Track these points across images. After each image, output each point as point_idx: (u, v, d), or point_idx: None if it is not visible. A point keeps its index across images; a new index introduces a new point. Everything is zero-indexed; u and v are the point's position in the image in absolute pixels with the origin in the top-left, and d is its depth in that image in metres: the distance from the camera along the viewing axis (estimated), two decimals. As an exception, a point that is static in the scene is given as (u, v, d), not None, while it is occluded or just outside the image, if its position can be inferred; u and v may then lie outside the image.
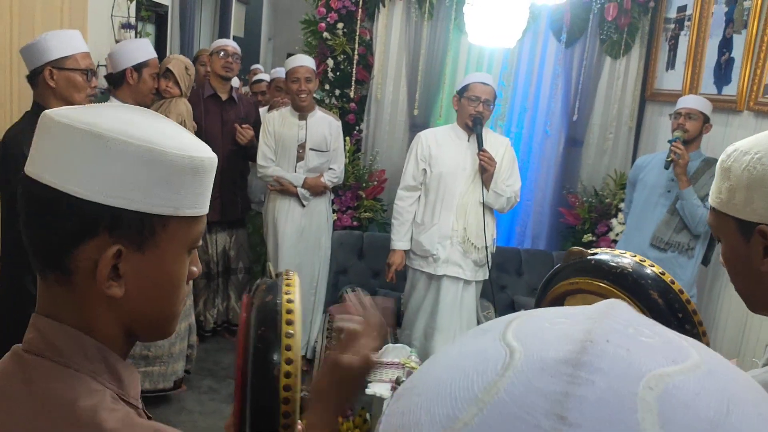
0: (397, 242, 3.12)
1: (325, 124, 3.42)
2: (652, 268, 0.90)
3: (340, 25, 3.95)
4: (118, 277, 0.66)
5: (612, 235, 3.98)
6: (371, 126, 4.11)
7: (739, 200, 0.87)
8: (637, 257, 0.92)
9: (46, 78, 2.09)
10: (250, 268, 3.95)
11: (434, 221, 3.03)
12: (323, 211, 3.53)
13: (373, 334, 0.95)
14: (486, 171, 2.91)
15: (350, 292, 3.50)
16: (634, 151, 4.19)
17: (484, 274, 3.09)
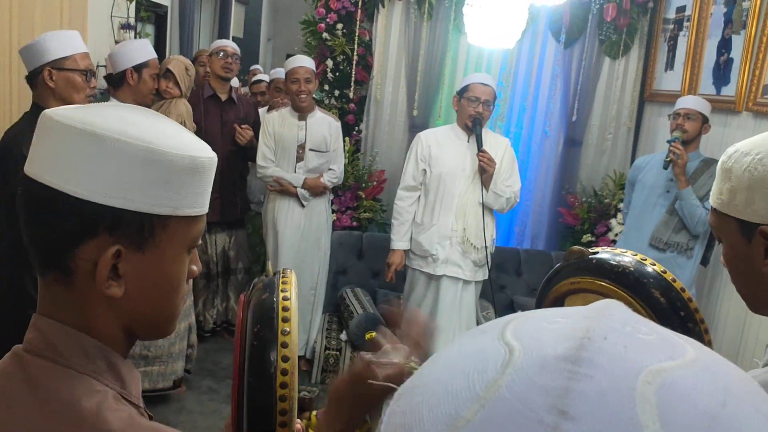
0: (397, 242, 3.12)
1: (325, 125, 3.42)
2: (653, 267, 0.90)
3: (340, 26, 3.95)
4: (118, 276, 0.66)
5: (611, 236, 3.98)
6: (370, 126, 4.11)
7: (740, 201, 0.87)
8: (639, 256, 0.93)
9: (45, 78, 2.08)
10: (250, 269, 3.94)
11: (434, 221, 3.03)
12: (323, 212, 3.53)
13: (410, 354, 0.84)
14: (485, 172, 2.91)
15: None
16: (633, 151, 4.20)
17: (484, 275, 3.09)
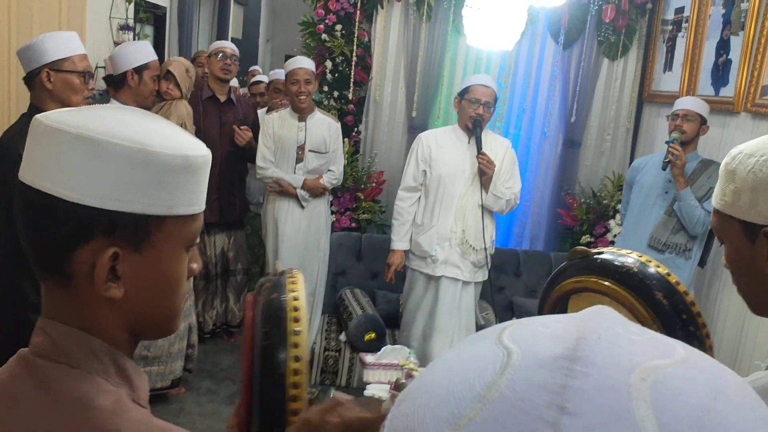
0: (397, 242, 3.12)
1: (325, 126, 3.42)
2: (657, 269, 0.90)
3: (339, 27, 3.96)
4: (117, 278, 0.66)
5: (610, 236, 3.99)
6: (370, 127, 4.11)
7: (744, 202, 0.87)
8: (644, 257, 0.93)
9: (43, 80, 2.07)
10: (249, 270, 3.94)
11: (433, 222, 3.03)
12: (322, 213, 3.53)
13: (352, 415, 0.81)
14: (485, 174, 2.92)
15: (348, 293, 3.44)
16: (632, 152, 4.20)
17: (483, 275, 3.09)
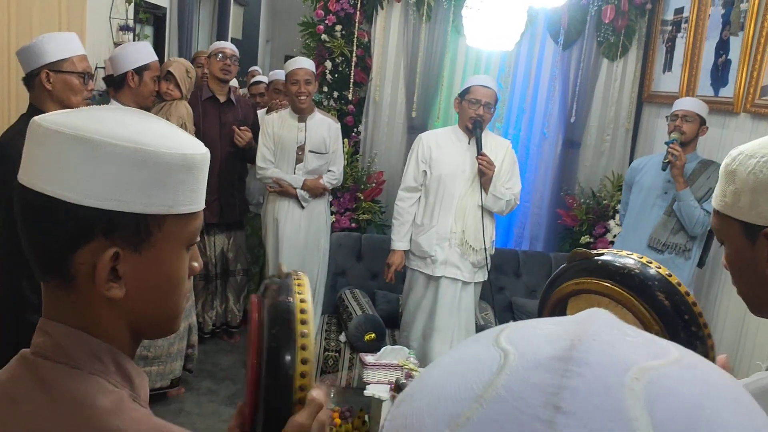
0: (397, 242, 3.12)
1: (324, 127, 3.43)
2: (657, 270, 0.90)
3: (339, 28, 3.96)
4: (118, 278, 0.66)
5: (609, 237, 3.99)
6: (369, 128, 4.11)
7: (745, 203, 0.87)
8: (644, 258, 0.93)
9: (42, 81, 2.07)
10: (249, 270, 3.94)
11: (433, 223, 3.04)
12: (322, 213, 3.54)
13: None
14: (484, 175, 2.92)
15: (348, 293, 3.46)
16: (632, 152, 4.21)
17: (483, 276, 3.09)
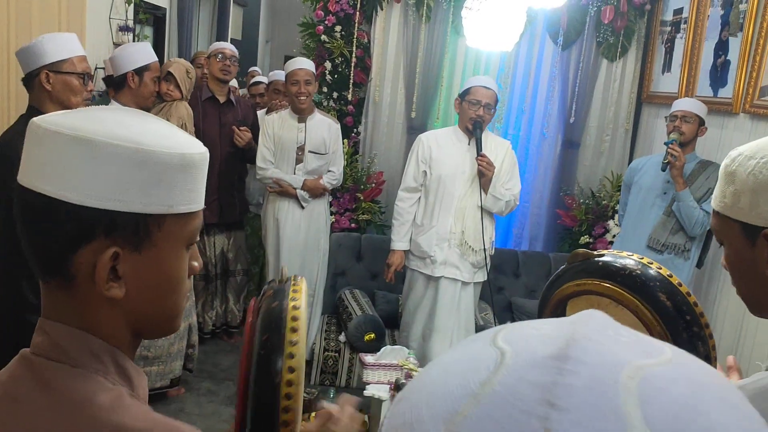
0: (397, 242, 3.13)
1: (324, 127, 3.43)
2: (659, 271, 0.91)
3: (338, 28, 3.96)
4: (118, 278, 0.66)
5: (609, 237, 3.99)
6: (369, 128, 4.11)
7: (744, 204, 0.87)
8: (645, 259, 0.93)
9: (42, 81, 2.06)
10: (248, 270, 3.94)
11: (433, 223, 3.04)
12: (322, 213, 3.54)
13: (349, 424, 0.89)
14: (484, 175, 2.92)
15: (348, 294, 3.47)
16: (631, 153, 4.21)
17: (483, 276, 3.10)
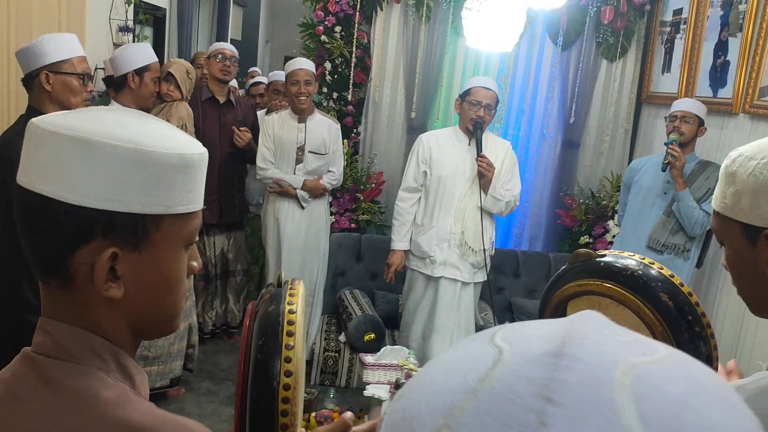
0: (397, 242, 3.13)
1: (324, 127, 3.43)
2: (660, 271, 0.91)
3: (338, 29, 3.96)
4: (117, 278, 0.66)
5: (609, 237, 4.00)
6: (369, 129, 4.12)
7: (745, 205, 0.87)
8: (646, 259, 0.93)
9: (42, 82, 2.06)
10: (248, 271, 3.94)
11: (433, 223, 3.04)
12: (322, 213, 3.54)
13: None
14: (484, 176, 2.92)
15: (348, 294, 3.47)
16: (631, 153, 4.21)
17: (483, 276, 3.10)
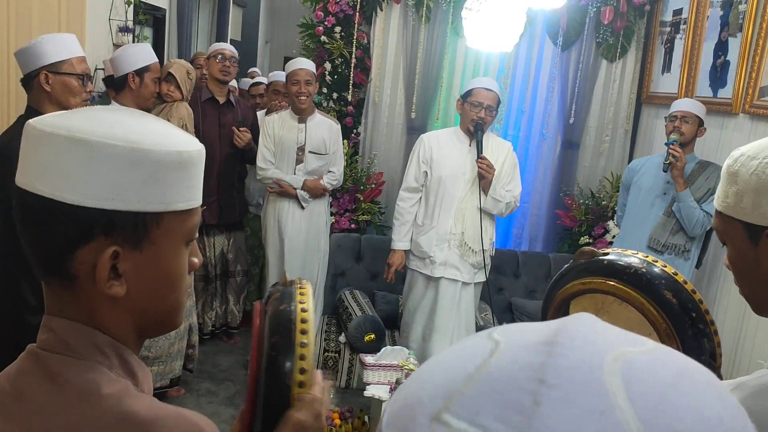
0: (398, 242, 3.13)
1: (325, 128, 3.43)
2: (663, 268, 0.91)
3: (338, 29, 3.96)
4: (118, 276, 0.67)
5: (608, 237, 3.99)
6: (369, 129, 4.12)
7: (747, 204, 0.87)
8: (649, 257, 0.93)
9: (41, 82, 2.06)
10: (248, 271, 3.94)
11: (433, 223, 3.04)
12: (322, 214, 3.54)
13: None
14: (484, 177, 2.92)
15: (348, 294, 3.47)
16: (630, 153, 4.22)
17: (483, 276, 3.10)
